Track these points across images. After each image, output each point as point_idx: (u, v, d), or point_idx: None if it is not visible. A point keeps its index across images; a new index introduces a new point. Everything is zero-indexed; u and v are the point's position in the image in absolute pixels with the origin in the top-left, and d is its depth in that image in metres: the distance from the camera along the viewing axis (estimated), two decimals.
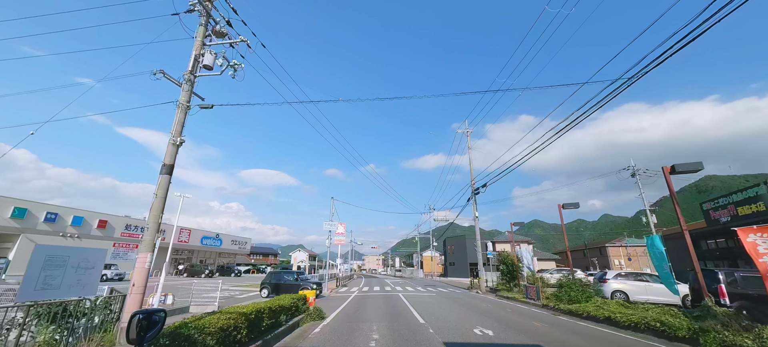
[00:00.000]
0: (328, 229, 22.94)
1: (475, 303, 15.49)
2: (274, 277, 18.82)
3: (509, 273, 20.03)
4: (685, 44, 7.33)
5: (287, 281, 17.92)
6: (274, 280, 18.43)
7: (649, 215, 33.16)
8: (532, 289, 15.55)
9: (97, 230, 32.01)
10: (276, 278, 18.62)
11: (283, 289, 16.98)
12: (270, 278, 18.76)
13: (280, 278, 18.43)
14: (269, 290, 17.77)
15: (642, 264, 45.03)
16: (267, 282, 18.45)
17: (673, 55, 7.71)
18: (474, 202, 24.82)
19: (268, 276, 19.12)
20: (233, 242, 55.47)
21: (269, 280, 18.59)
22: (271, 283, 18.18)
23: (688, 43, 7.28)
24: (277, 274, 19.11)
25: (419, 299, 17.24)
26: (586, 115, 10.87)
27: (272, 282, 18.25)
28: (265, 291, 17.85)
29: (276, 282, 18.07)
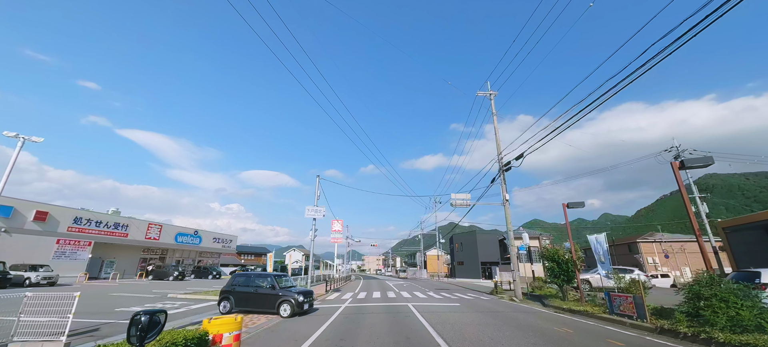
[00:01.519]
0: (311, 215, 17.15)
1: (539, 325, 9.72)
2: (238, 283, 11.97)
3: (563, 274, 14.25)
4: (683, 44, 7.31)
5: (258, 288, 11.51)
6: (238, 287, 11.80)
7: (700, 203, 27.63)
8: (626, 300, 9.77)
9: (32, 223, 26.09)
10: (242, 284, 11.89)
11: (253, 301, 11.32)
12: (233, 284, 12.01)
13: (248, 284, 11.79)
14: (231, 302, 11.44)
15: (680, 261, 39.33)
16: (228, 291, 11.82)
17: (671, 54, 7.64)
18: (502, 180, 19.04)
19: (231, 282, 12.22)
20: (216, 240, 49.52)
21: (232, 287, 11.91)
22: (233, 292, 11.68)
23: (687, 43, 7.24)
24: (245, 278, 12.05)
25: (441, 314, 11.50)
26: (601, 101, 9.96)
27: (236, 289, 11.73)
28: (225, 303, 11.51)
29: (241, 291, 11.64)
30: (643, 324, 8.92)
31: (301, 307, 10.78)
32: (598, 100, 10.05)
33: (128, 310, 11.85)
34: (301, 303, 10.81)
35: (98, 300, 15.08)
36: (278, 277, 12.07)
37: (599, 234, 12.18)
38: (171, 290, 20.34)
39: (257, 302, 11.24)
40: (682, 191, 9.05)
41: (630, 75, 8.78)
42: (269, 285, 11.52)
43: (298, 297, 10.79)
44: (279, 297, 10.92)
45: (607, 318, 10.12)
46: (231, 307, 11.37)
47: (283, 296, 10.89)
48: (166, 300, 15.84)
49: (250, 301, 11.35)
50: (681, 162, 9.39)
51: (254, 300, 11.32)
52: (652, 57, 8.06)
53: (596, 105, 10.22)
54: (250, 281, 11.96)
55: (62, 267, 27.06)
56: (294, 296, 10.83)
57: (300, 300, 10.79)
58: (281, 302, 10.79)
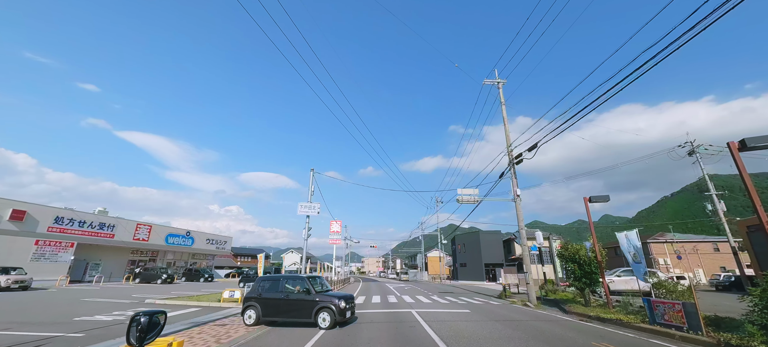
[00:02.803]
0: (305, 212, 15.59)
1: (571, 338, 8.16)
2: (265, 288, 9.81)
3: (587, 278, 12.67)
4: (683, 45, 7.42)
5: (289, 294, 9.45)
6: (265, 293, 9.64)
7: (717, 201, 26.12)
8: (673, 308, 8.21)
9: (9, 222, 24.41)
10: (269, 289, 9.75)
11: (284, 309, 9.27)
12: (259, 289, 9.82)
13: (276, 289, 9.65)
14: (257, 311, 9.30)
15: (693, 263, 37.80)
16: (253, 297, 9.64)
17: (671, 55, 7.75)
18: (513, 174, 17.51)
19: (256, 287, 9.98)
20: (209, 241, 47.79)
21: (257, 293, 9.73)
22: (259, 299, 9.50)
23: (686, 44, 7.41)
24: (272, 282, 9.92)
25: (451, 324, 9.93)
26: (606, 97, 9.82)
27: (263, 295, 9.59)
28: (250, 313, 9.34)
29: (269, 297, 9.49)
30: (698, 337, 7.37)
31: (343, 315, 8.84)
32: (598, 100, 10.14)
33: (90, 319, 10.25)
34: (344, 309, 8.85)
35: (65, 306, 13.47)
36: (312, 279, 9.99)
37: (629, 231, 10.64)
38: (153, 294, 18.71)
39: (289, 310, 9.23)
40: (743, 175, 7.50)
41: (630, 75, 8.80)
42: (303, 289, 9.46)
43: (339, 303, 8.80)
44: (316, 304, 8.92)
45: (648, 329, 8.55)
46: (257, 318, 9.32)
47: (321, 302, 8.91)
48: (141, 306, 14.22)
49: (281, 310, 9.30)
50: (742, 142, 7.85)
51: (286, 309, 9.27)
52: (651, 58, 8.10)
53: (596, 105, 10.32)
54: (278, 285, 9.83)
55: (41, 269, 25.41)
56: (334, 302, 8.83)
57: (342, 306, 8.82)
58: (319, 309, 8.84)
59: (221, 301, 14.09)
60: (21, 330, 8.51)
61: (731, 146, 7.93)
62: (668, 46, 7.76)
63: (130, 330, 2.43)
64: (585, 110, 11.04)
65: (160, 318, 2.62)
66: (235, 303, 13.76)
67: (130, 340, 2.41)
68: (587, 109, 10.96)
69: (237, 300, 13.93)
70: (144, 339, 2.43)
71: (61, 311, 12.08)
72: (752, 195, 7.00)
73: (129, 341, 2.42)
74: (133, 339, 2.41)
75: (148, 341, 2.48)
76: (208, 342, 7.20)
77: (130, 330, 2.42)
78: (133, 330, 2.42)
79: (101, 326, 9.30)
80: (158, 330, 2.57)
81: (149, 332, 2.48)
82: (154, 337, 2.53)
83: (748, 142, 7.78)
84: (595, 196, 12.77)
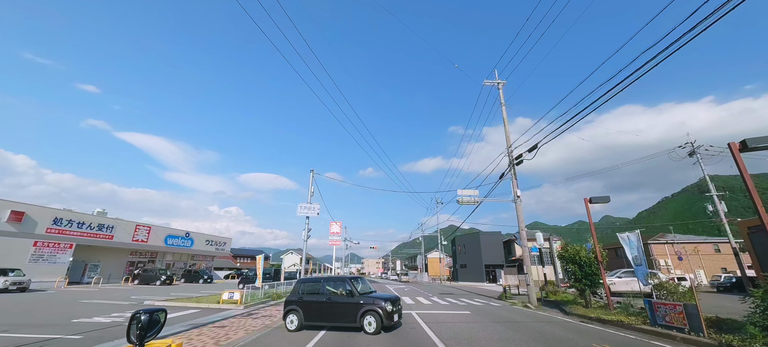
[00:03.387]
0: (304, 213, 15.54)
1: (572, 340, 8.12)
2: (305, 290, 9.48)
3: (587, 279, 12.62)
4: (682, 46, 7.43)
5: (331, 296, 9.05)
6: (306, 295, 9.29)
7: (718, 202, 26.09)
8: (674, 310, 8.16)
9: (7, 223, 24.33)
10: (310, 291, 9.41)
11: (326, 312, 8.87)
12: (299, 292, 9.50)
13: (317, 291, 9.34)
14: (299, 316, 8.98)
15: (693, 263, 37.74)
16: (294, 301, 9.30)
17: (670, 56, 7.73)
18: (513, 175, 17.48)
19: (297, 289, 9.71)
20: (208, 243, 47.71)
21: (298, 295, 9.40)
22: (301, 302, 9.19)
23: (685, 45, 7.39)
24: (312, 284, 9.65)
25: (451, 325, 9.88)
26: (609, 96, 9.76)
27: (303, 298, 9.25)
28: (292, 317, 9.03)
29: (310, 300, 9.14)
30: (699, 338, 7.32)
31: (390, 318, 8.28)
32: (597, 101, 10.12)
33: (88, 321, 10.20)
34: (391, 313, 8.30)
35: (63, 308, 13.43)
36: (355, 280, 9.57)
37: (631, 232, 10.60)
38: (152, 296, 18.65)
39: (332, 314, 8.78)
40: (744, 176, 7.49)
41: (629, 76, 8.80)
42: (345, 290, 8.98)
43: (386, 306, 8.25)
44: (360, 307, 8.43)
45: (649, 331, 8.50)
46: (300, 322, 8.91)
47: (366, 304, 8.42)
48: (140, 307, 14.16)
49: (323, 313, 8.87)
50: (743, 143, 7.84)
51: (328, 312, 8.83)
52: (651, 58, 8.08)
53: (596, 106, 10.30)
54: (319, 287, 9.45)
55: (40, 271, 25.33)
56: (380, 304, 8.29)
57: (389, 309, 8.28)
58: (364, 313, 8.34)
59: (220, 302, 14.03)
60: (19, 332, 8.46)
61: (732, 146, 7.92)
62: (668, 46, 7.75)
63: (130, 329, 2.42)
64: (585, 110, 11.03)
65: (161, 315, 2.62)
66: (235, 305, 13.69)
67: (131, 338, 2.41)
68: (587, 110, 10.95)
69: (236, 302, 13.86)
70: (144, 337, 2.43)
71: (59, 312, 12.04)
72: (753, 196, 6.97)
73: (129, 339, 2.42)
74: (134, 337, 2.41)
75: (149, 339, 2.47)
76: (207, 344, 7.15)
77: (131, 328, 2.42)
78: (134, 328, 2.42)
79: (100, 327, 9.25)
80: (159, 327, 2.57)
81: (150, 330, 2.48)
82: (154, 335, 2.53)
83: (749, 143, 7.78)
84: (596, 197, 12.74)
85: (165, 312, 2.71)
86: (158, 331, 2.57)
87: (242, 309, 13.22)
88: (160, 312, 2.63)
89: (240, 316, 11.38)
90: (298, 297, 9.40)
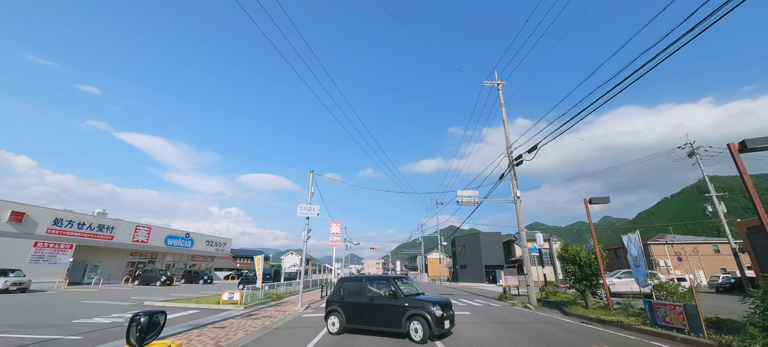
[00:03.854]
0: (304, 214, 15.55)
1: (572, 341, 8.13)
2: (347, 291, 8.93)
3: (587, 279, 12.62)
4: (681, 47, 7.48)
5: (374, 298, 8.33)
6: (348, 296, 8.75)
7: (717, 203, 26.09)
8: (674, 310, 8.17)
9: (7, 224, 24.32)
10: (352, 292, 8.84)
11: (369, 315, 8.23)
12: (340, 292, 8.99)
13: (359, 291, 8.72)
14: (341, 318, 8.49)
15: (693, 264, 37.73)
16: (336, 301, 8.83)
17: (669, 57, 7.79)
18: (513, 176, 17.50)
19: (338, 289, 9.21)
20: (208, 243, 47.67)
21: (339, 296, 8.88)
22: (342, 303, 8.68)
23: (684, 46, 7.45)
24: (355, 283, 9.03)
25: None
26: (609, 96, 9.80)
27: (345, 299, 8.72)
28: (334, 320, 8.60)
29: (352, 302, 8.55)
30: (699, 339, 7.33)
31: (440, 325, 7.25)
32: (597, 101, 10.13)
33: (89, 322, 10.21)
34: (440, 318, 7.28)
35: (63, 308, 13.43)
36: (400, 280, 8.69)
37: (632, 233, 10.62)
38: (152, 296, 18.66)
39: (375, 317, 8.10)
40: (744, 177, 7.50)
41: (629, 77, 8.80)
42: (389, 292, 8.18)
43: (434, 310, 7.29)
44: (406, 311, 7.56)
45: (649, 331, 8.51)
46: (341, 325, 8.36)
47: (412, 308, 7.52)
48: (140, 308, 14.15)
49: (365, 316, 8.21)
50: (742, 143, 7.85)
51: (371, 315, 8.15)
52: (650, 59, 8.09)
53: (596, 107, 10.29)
54: (361, 287, 8.77)
55: (40, 271, 25.31)
56: (428, 308, 7.34)
57: (438, 314, 7.27)
58: (410, 317, 7.47)
59: (220, 303, 14.04)
60: (19, 332, 8.47)
61: (731, 147, 7.93)
62: (667, 47, 7.77)
63: (129, 331, 2.43)
64: (584, 111, 11.06)
65: (160, 317, 2.62)
66: (235, 305, 13.70)
67: (130, 340, 2.41)
68: (586, 110, 10.98)
69: (236, 303, 13.87)
70: (144, 339, 2.43)
71: (59, 313, 12.04)
72: (753, 196, 6.99)
73: (129, 341, 2.42)
74: (133, 339, 2.41)
75: (148, 341, 2.47)
76: (207, 345, 7.16)
77: (130, 330, 2.43)
78: (133, 330, 2.42)
79: (100, 328, 9.25)
80: (158, 330, 2.57)
81: (149, 332, 2.48)
82: (154, 337, 2.53)
83: (748, 143, 7.79)
84: (595, 197, 12.76)
85: (164, 314, 2.71)
86: (158, 333, 2.58)
87: (242, 309, 13.23)
88: (160, 314, 2.64)
89: (240, 317, 11.39)
90: (339, 297, 8.83)
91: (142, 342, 2.42)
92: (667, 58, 7.95)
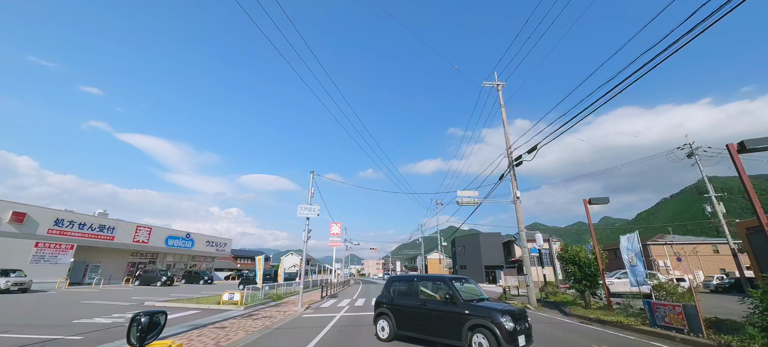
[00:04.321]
0: (304, 214, 15.58)
1: (571, 340, 8.17)
2: (397, 292, 8.02)
3: (587, 280, 12.66)
4: (680, 48, 7.52)
5: (427, 302, 7.22)
6: (397, 298, 7.81)
7: (716, 204, 26.13)
8: (673, 310, 8.20)
9: (9, 224, 24.36)
10: (403, 293, 7.89)
11: (421, 322, 7.10)
12: (390, 294, 8.06)
13: (410, 293, 7.74)
14: (391, 323, 7.49)
15: (692, 264, 37.77)
16: (385, 303, 7.92)
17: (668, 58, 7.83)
18: (513, 176, 17.53)
19: (387, 289, 8.25)
20: (209, 244, 47.71)
21: (389, 297, 7.96)
22: (392, 305, 7.73)
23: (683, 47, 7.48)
24: (406, 284, 8.05)
25: None
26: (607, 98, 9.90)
27: (394, 301, 7.78)
28: (383, 324, 7.67)
29: (401, 305, 7.59)
30: (698, 339, 7.36)
31: (512, 341, 5.68)
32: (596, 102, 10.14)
33: (89, 322, 10.24)
34: (512, 333, 5.71)
35: (64, 308, 13.45)
36: (458, 282, 7.33)
37: (631, 233, 10.65)
38: (153, 297, 18.69)
39: (429, 325, 6.91)
40: (743, 177, 7.53)
41: (628, 78, 8.83)
42: (444, 295, 6.97)
43: (504, 322, 5.75)
44: (466, 320, 6.23)
45: (648, 332, 8.54)
46: (391, 331, 7.38)
47: (474, 317, 6.16)
48: (141, 308, 14.18)
49: (418, 322, 7.11)
50: (740, 144, 7.88)
51: (423, 322, 7.01)
52: (649, 60, 8.11)
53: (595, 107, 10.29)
54: (412, 288, 7.69)
55: (41, 272, 25.32)
56: (496, 319, 5.84)
57: (509, 327, 5.73)
58: (473, 328, 6.10)
59: (221, 303, 14.06)
60: (20, 332, 8.49)
61: (730, 148, 7.96)
62: (666, 48, 7.78)
63: (130, 331, 2.43)
64: (584, 112, 11.08)
65: (161, 318, 2.62)
66: (235, 306, 13.72)
67: (131, 340, 2.41)
68: (586, 111, 10.99)
69: (237, 303, 13.89)
70: (144, 339, 2.43)
71: (60, 313, 12.07)
72: (752, 197, 7.01)
73: (129, 341, 2.42)
74: (134, 339, 2.41)
75: (149, 341, 2.47)
76: (207, 345, 7.19)
77: (131, 330, 2.43)
78: (134, 330, 2.42)
79: (100, 328, 9.28)
80: (159, 330, 2.57)
81: (150, 332, 2.48)
82: (154, 337, 2.53)
83: (747, 144, 7.81)
84: (595, 198, 12.79)
85: (165, 314, 2.70)
86: (158, 333, 2.58)
87: (243, 310, 13.25)
88: (161, 314, 2.64)
89: (240, 317, 11.41)
90: (388, 298, 7.88)
91: (142, 342, 2.42)
92: (666, 59, 7.99)
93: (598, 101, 10.24)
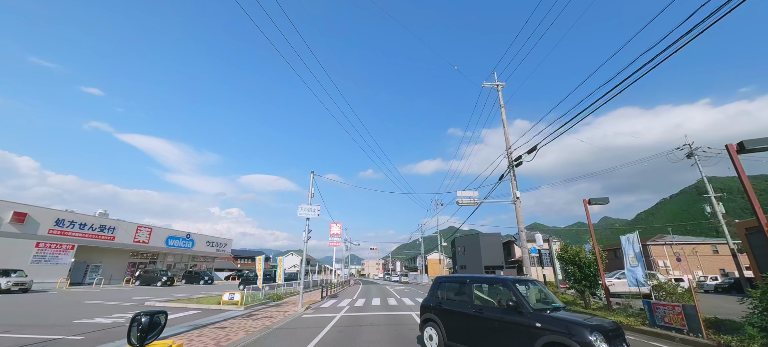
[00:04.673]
0: (304, 215, 15.59)
1: None
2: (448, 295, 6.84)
3: (587, 280, 12.67)
4: (679, 49, 7.52)
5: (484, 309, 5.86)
6: (448, 302, 6.67)
7: (716, 204, 26.15)
8: (673, 311, 8.21)
9: (10, 224, 24.38)
10: (454, 296, 6.66)
11: (476, 333, 5.76)
12: (438, 297, 6.99)
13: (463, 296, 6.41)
14: (440, 332, 6.40)
15: (692, 265, 37.77)
16: (432, 307, 6.89)
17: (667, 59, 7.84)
18: (513, 177, 17.54)
19: (435, 291, 7.20)
20: (209, 244, 47.71)
21: (436, 301, 6.90)
22: (440, 310, 6.65)
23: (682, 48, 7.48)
24: (458, 286, 6.73)
25: None
26: None
27: (442, 306, 6.66)
28: (431, 332, 6.67)
29: (453, 310, 6.39)
30: (698, 339, 7.38)
31: None
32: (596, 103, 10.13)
33: (90, 322, 10.26)
34: None
35: (65, 308, 13.47)
36: (523, 284, 5.92)
37: (631, 233, 10.67)
38: (153, 297, 18.72)
39: (487, 337, 5.59)
40: (742, 178, 7.55)
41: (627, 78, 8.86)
42: (506, 301, 5.51)
43: (592, 340, 4.24)
44: (538, 335, 4.76)
45: (648, 332, 8.56)
46: (440, 341, 6.29)
47: (549, 331, 4.68)
48: (141, 308, 14.20)
49: (472, 333, 5.81)
50: (740, 144, 7.90)
51: (479, 334, 5.71)
52: (649, 61, 8.13)
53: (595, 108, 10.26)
54: (464, 290, 6.42)
55: (42, 272, 25.36)
56: (580, 334, 4.34)
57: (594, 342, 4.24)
58: (546, 344, 4.66)
59: (221, 304, 14.08)
60: (21, 332, 8.52)
61: (730, 148, 7.97)
62: (666, 49, 7.80)
63: (131, 330, 2.43)
64: (583, 112, 11.10)
65: (161, 317, 2.62)
66: (235, 306, 13.74)
67: (131, 340, 2.41)
68: (585, 112, 11.01)
69: (237, 303, 13.91)
70: (145, 338, 2.43)
71: (60, 313, 12.09)
72: (751, 197, 7.03)
73: (130, 341, 2.42)
74: (134, 339, 2.41)
75: (149, 341, 2.47)
76: (207, 345, 7.21)
77: (131, 330, 2.43)
78: (135, 330, 2.42)
79: (101, 328, 9.30)
80: (159, 329, 2.57)
81: (150, 332, 2.48)
82: (155, 337, 2.52)
83: (746, 144, 7.83)
84: (595, 198, 12.81)
85: (165, 314, 2.70)
86: (159, 333, 2.57)
87: (243, 310, 13.27)
88: (161, 314, 2.64)
89: (240, 317, 11.43)
90: (436, 302, 6.81)
91: (143, 342, 2.41)
92: (665, 60, 8.01)
93: (598, 101, 10.28)
